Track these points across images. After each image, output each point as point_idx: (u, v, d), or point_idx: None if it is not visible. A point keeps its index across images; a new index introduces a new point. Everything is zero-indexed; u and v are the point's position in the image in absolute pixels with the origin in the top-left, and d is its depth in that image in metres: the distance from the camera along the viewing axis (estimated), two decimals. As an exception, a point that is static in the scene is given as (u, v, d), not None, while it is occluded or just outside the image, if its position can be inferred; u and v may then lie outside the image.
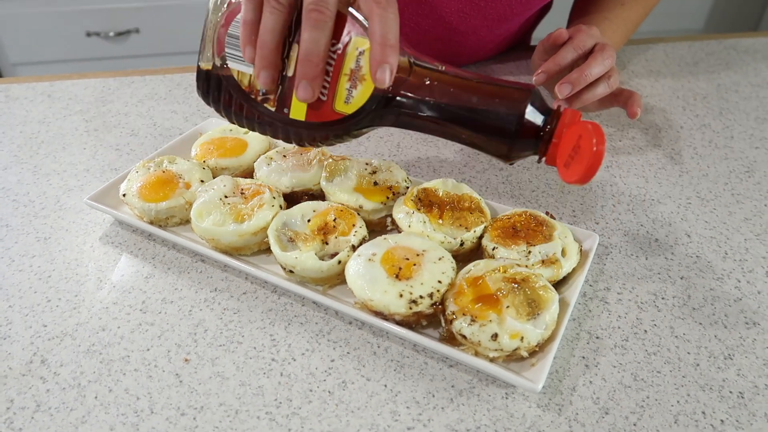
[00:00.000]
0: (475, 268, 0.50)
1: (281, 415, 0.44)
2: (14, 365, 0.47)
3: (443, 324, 0.49)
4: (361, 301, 0.50)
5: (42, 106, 0.82)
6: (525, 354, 0.46)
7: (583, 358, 0.49)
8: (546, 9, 0.96)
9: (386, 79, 0.43)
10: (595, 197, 0.68)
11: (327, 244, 0.54)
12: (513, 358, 0.47)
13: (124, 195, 0.59)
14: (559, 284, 0.53)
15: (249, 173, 0.65)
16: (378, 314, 0.49)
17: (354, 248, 0.53)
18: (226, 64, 0.48)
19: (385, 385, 0.47)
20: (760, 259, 0.60)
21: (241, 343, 0.50)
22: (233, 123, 0.51)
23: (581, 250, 0.56)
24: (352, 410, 0.45)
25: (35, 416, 0.44)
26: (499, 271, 0.49)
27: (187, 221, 0.58)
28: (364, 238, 0.55)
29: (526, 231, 0.55)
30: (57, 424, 0.43)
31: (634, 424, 0.44)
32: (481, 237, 0.56)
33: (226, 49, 0.47)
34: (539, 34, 0.85)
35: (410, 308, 0.47)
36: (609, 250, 0.60)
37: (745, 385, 0.47)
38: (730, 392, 0.47)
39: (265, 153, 0.65)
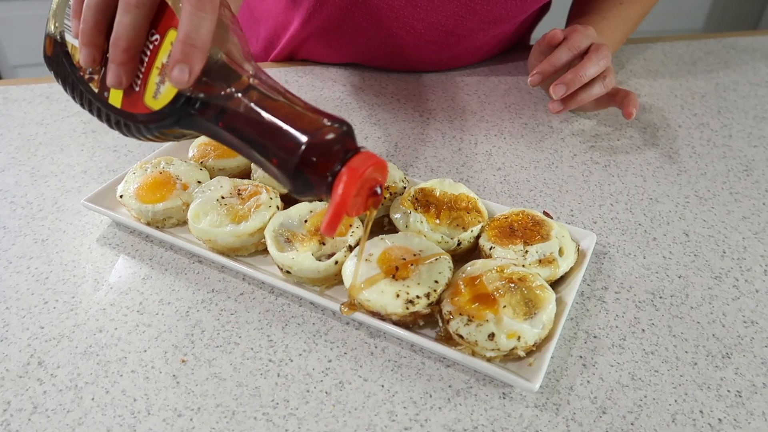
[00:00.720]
0: (472, 267, 0.50)
1: (278, 416, 0.44)
2: (11, 367, 0.47)
3: (440, 324, 0.49)
4: (358, 301, 0.49)
5: (40, 108, 0.82)
6: (522, 353, 0.46)
7: (581, 357, 0.49)
8: (544, 9, 0.96)
9: (182, 80, 0.40)
10: (593, 196, 0.68)
11: (324, 244, 0.54)
12: (510, 357, 0.47)
13: (121, 196, 0.59)
14: (556, 283, 0.53)
15: (246, 174, 0.65)
16: (375, 314, 0.49)
17: (351, 248, 0.53)
18: (64, 36, 0.46)
19: (383, 386, 0.47)
20: (758, 257, 0.60)
21: (238, 344, 0.50)
22: (71, 98, 0.49)
23: (579, 249, 0.56)
24: (349, 411, 0.45)
25: (32, 418, 0.44)
26: (496, 270, 0.49)
27: (185, 222, 0.58)
28: (361, 239, 0.55)
29: (524, 230, 0.55)
30: (54, 426, 0.43)
31: (632, 424, 0.44)
32: (478, 237, 0.56)
33: (65, 21, 0.46)
34: (538, 35, 0.85)
35: (407, 308, 0.47)
36: (607, 249, 0.60)
37: (743, 383, 0.47)
38: (728, 391, 0.47)
39: (263, 154, 0.65)
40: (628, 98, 0.72)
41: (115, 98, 0.45)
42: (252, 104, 0.42)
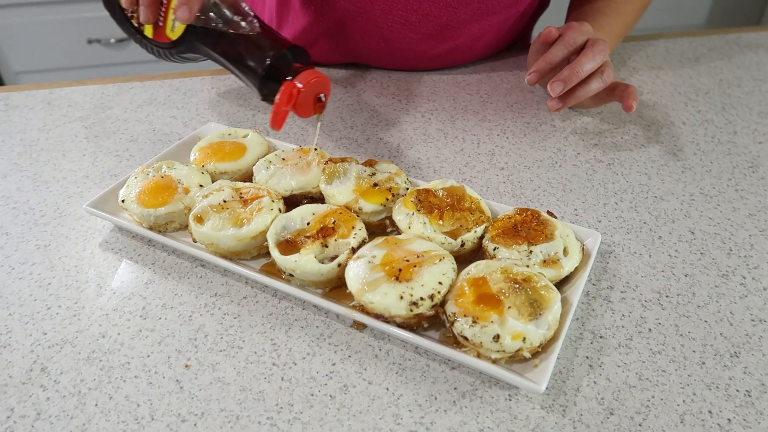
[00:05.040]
0: (476, 268, 0.50)
1: (282, 420, 0.44)
2: (14, 373, 0.47)
3: (447, 325, 0.49)
4: (361, 303, 0.49)
5: (42, 114, 0.82)
6: (527, 355, 0.46)
7: (587, 358, 0.49)
8: (543, 6, 0.96)
9: (184, 17, 0.56)
10: (597, 195, 0.67)
11: (327, 246, 0.54)
12: (515, 359, 0.46)
13: (123, 201, 0.59)
14: (561, 283, 0.53)
15: (248, 177, 0.65)
16: (379, 317, 0.48)
17: (354, 250, 0.53)
18: None
19: (387, 389, 0.46)
20: (765, 254, 0.59)
21: (242, 348, 0.49)
22: (124, 32, 0.69)
23: (583, 248, 0.55)
24: (354, 414, 0.44)
25: (35, 425, 0.44)
26: (501, 271, 0.49)
27: (187, 226, 0.58)
28: (363, 240, 0.54)
29: (527, 231, 0.54)
30: (57, 433, 0.43)
31: (640, 425, 0.44)
32: (481, 237, 0.56)
33: None
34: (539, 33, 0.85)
35: (411, 310, 0.47)
36: (612, 248, 0.60)
37: (752, 383, 0.47)
38: (737, 391, 0.46)
39: (264, 156, 0.65)
40: (628, 91, 0.71)
41: (149, 31, 0.65)
42: (235, 34, 0.59)
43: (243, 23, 0.59)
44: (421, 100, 0.86)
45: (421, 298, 0.47)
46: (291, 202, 0.61)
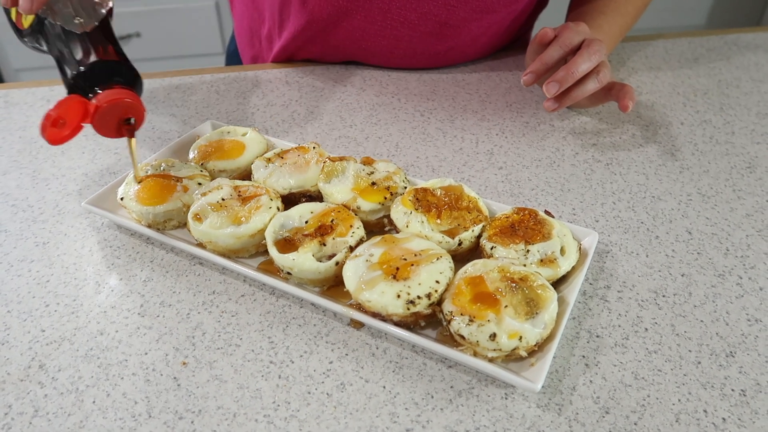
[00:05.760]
0: (473, 267, 0.50)
1: (279, 418, 0.44)
2: (12, 370, 0.47)
3: (444, 323, 0.49)
4: (359, 302, 0.49)
5: (42, 111, 0.82)
6: (524, 354, 0.46)
7: (583, 357, 0.49)
8: (542, 5, 0.96)
9: (25, 8, 0.56)
10: (595, 195, 0.67)
11: (324, 245, 0.54)
12: (512, 358, 0.46)
13: (121, 199, 0.59)
14: (558, 283, 0.53)
15: (247, 175, 0.65)
16: (376, 315, 0.49)
17: (351, 249, 0.53)
18: None
19: (384, 387, 0.46)
20: (762, 255, 0.59)
21: (239, 346, 0.49)
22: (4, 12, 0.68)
23: (581, 248, 0.55)
24: (351, 412, 0.45)
25: (33, 421, 0.44)
26: (498, 270, 0.49)
27: (185, 224, 0.58)
28: (361, 239, 0.55)
29: (525, 230, 0.54)
30: (55, 430, 0.43)
31: (635, 424, 0.44)
32: (479, 236, 0.56)
33: None
34: (538, 32, 0.85)
35: (408, 309, 0.47)
36: (609, 247, 0.60)
37: (747, 382, 0.47)
38: (732, 390, 0.46)
39: (263, 155, 0.65)
40: (624, 91, 0.71)
41: (13, 14, 0.65)
42: (72, 36, 0.58)
43: (82, 27, 0.58)
44: (420, 99, 0.86)
45: (418, 297, 0.48)
46: (289, 200, 0.61)
